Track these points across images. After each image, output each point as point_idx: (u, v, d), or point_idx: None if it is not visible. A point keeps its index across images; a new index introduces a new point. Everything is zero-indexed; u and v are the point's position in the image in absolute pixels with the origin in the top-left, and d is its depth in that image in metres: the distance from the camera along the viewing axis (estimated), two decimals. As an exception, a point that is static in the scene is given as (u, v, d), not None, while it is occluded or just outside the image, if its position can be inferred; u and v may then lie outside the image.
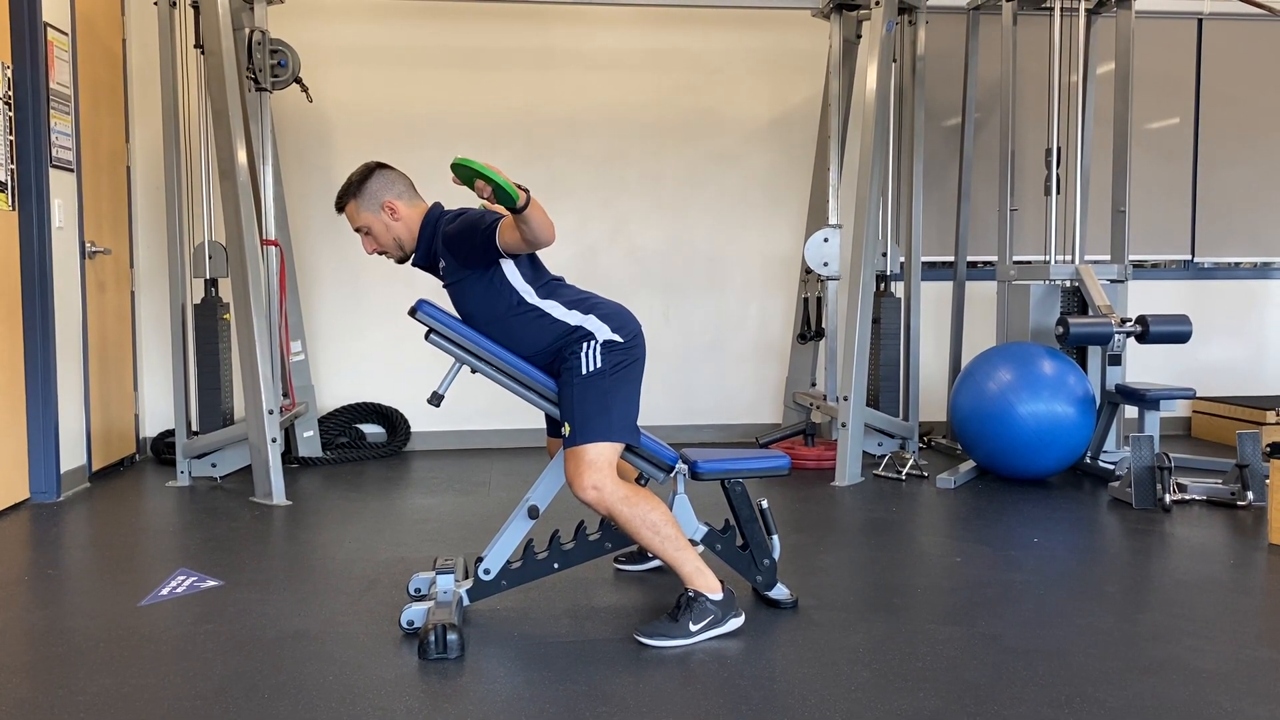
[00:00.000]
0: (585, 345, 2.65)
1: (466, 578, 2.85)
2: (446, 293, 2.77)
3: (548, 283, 2.74)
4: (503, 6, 5.42)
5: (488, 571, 2.71)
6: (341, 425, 5.42)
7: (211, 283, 4.73)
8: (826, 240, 5.00)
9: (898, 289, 5.28)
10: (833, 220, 5.08)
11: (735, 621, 2.65)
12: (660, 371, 5.03)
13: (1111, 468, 4.53)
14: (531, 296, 2.68)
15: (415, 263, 2.80)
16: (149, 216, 5.29)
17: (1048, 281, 4.81)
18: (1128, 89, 5.00)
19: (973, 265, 5.77)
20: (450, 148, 5.48)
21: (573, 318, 2.68)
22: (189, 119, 4.75)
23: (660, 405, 5.44)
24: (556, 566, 2.77)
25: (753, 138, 5.75)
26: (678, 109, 5.68)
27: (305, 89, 4.97)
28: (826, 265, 5.01)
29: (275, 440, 4.25)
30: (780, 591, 2.86)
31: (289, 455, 5.07)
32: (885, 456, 4.89)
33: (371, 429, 5.53)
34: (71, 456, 4.42)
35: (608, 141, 5.65)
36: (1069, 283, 4.80)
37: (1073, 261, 4.84)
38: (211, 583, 3.10)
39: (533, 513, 2.71)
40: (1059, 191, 4.85)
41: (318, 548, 3.59)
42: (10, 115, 4.07)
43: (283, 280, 5.00)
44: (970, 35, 5.34)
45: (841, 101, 5.22)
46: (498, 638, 2.63)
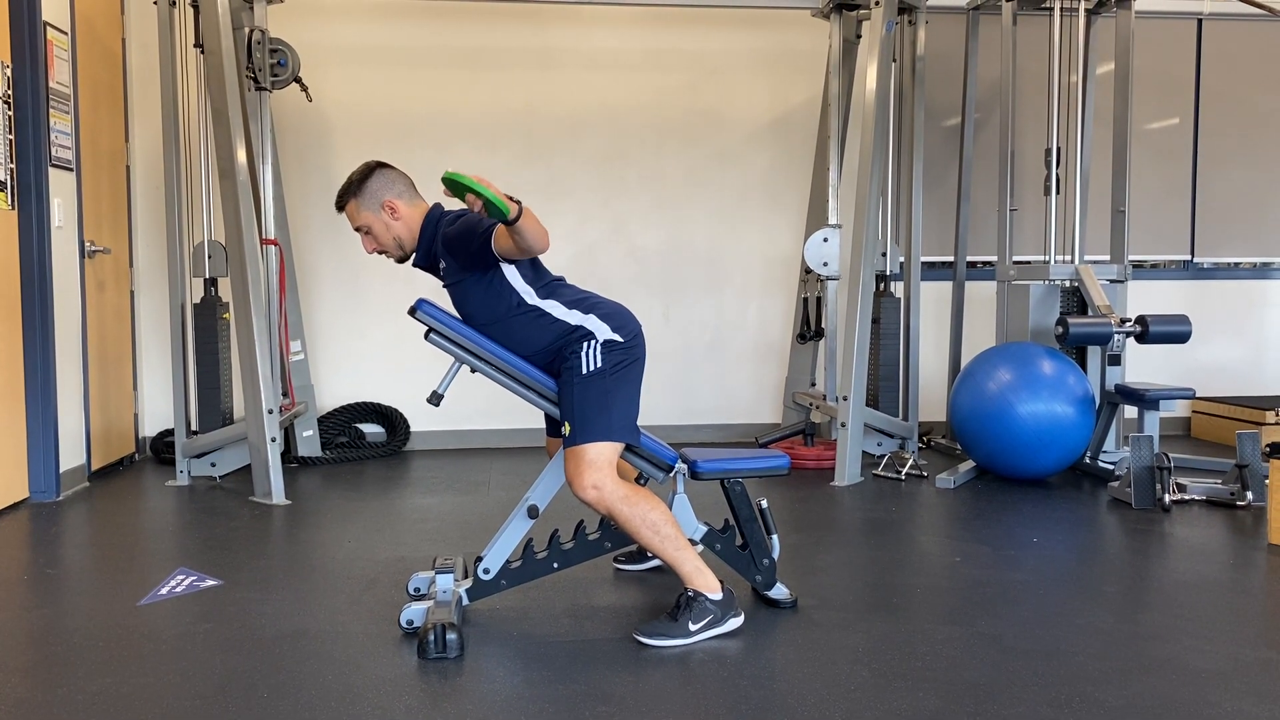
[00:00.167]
0: (585, 345, 2.65)
1: (466, 577, 2.85)
2: (446, 292, 2.78)
3: (548, 283, 2.74)
4: (502, 6, 5.42)
5: (487, 571, 2.71)
6: (341, 425, 5.42)
7: (211, 282, 4.73)
8: (826, 240, 5.00)
9: (897, 289, 5.28)
10: (832, 220, 5.08)
11: (735, 621, 2.65)
12: (660, 371, 5.02)
13: (1111, 468, 4.53)
14: (531, 297, 2.69)
15: (416, 263, 2.81)
16: (148, 216, 5.29)
17: (1047, 281, 4.81)
18: (1127, 89, 5.00)
19: (972, 265, 5.77)
20: (450, 147, 5.53)
21: (573, 317, 2.68)
22: (189, 118, 4.75)
23: (660, 405, 5.44)
24: (556, 566, 2.77)
25: (752, 137, 5.75)
26: (677, 109, 5.68)
27: (305, 88, 4.97)
28: (826, 265, 5.01)
29: (275, 440, 4.25)
30: (780, 591, 2.87)
31: (288, 455, 5.07)
32: (885, 456, 4.89)
33: (371, 428, 5.54)
34: (71, 456, 4.42)
35: (607, 141, 5.65)
36: (1069, 283, 4.80)
37: (1072, 261, 4.84)
38: (211, 582, 3.10)
39: (532, 512, 2.71)
40: (1059, 191, 4.85)
41: (317, 547, 3.59)
42: (10, 114, 4.07)
43: (282, 280, 4.99)
44: (970, 35, 5.34)
45: (841, 101, 5.22)
46: (497, 637, 2.63)
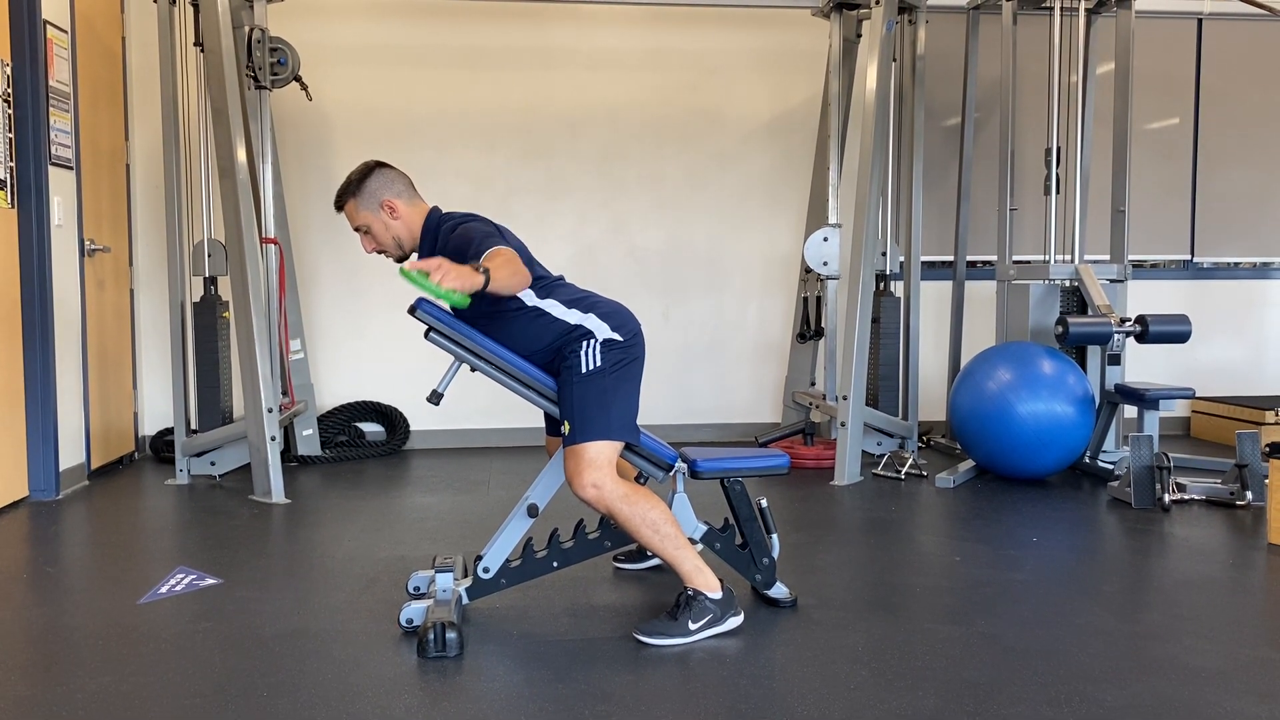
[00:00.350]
0: (585, 344, 2.65)
1: (465, 576, 2.85)
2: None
3: (547, 283, 2.74)
4: (502, 6, 5.42)
5: (487, 570, 2.71)
6: (341, 424, 5.42)
7: (211, 281, 4.72)
8: (826, 239, 5.00)
9: (897, 288, 5.28)
10: (832, 219, 5.08)
11: (734, 620, 2.65)
12: (660, 370, 5.03)
13: (1111, 467, 4.53)
14: (531, 298, 2.68)
15: None
16: (148, 214, 5.29)
17: (1047, 281, 4.81)
18: (1127, 89, 5.00)
19: (972, 265, 5.77)
20: (450, 147, 5.53)
21: (572, 316, 2.68)
22: (188, 117, 4.75)
23: (660, 404, 5.44)
24: (556, 565, 2.77)
25: (752, 137, 5.75)
26: (677, 108, 5.68)
27: (305, 87, 4.97)
28: (826, 264, 5.01)
29: (274, 439, 4.25)
30: (779, 590, 2.87)
31: (288, 454, 5.07)
32: (884, 456, 4.89)
33: (371, 427, 5.54)
34: (70, 454, 4.42)
35: (607, 141, 5.65)
36: (1068, 282, 4.80)
37: (1072, 261, 4.84)
38: (210, 581, 3.10)
39: (532, 511, 2.71)
40: (1059, 191, 4.85)
41: (317, 546, 3.59)
42: (9, 113, 4.07)
43: (282, 278, 4.99)
44: (970, 35, 5.34)
45: (841, 101, 5.22)
46: (497, 636, 2.63)
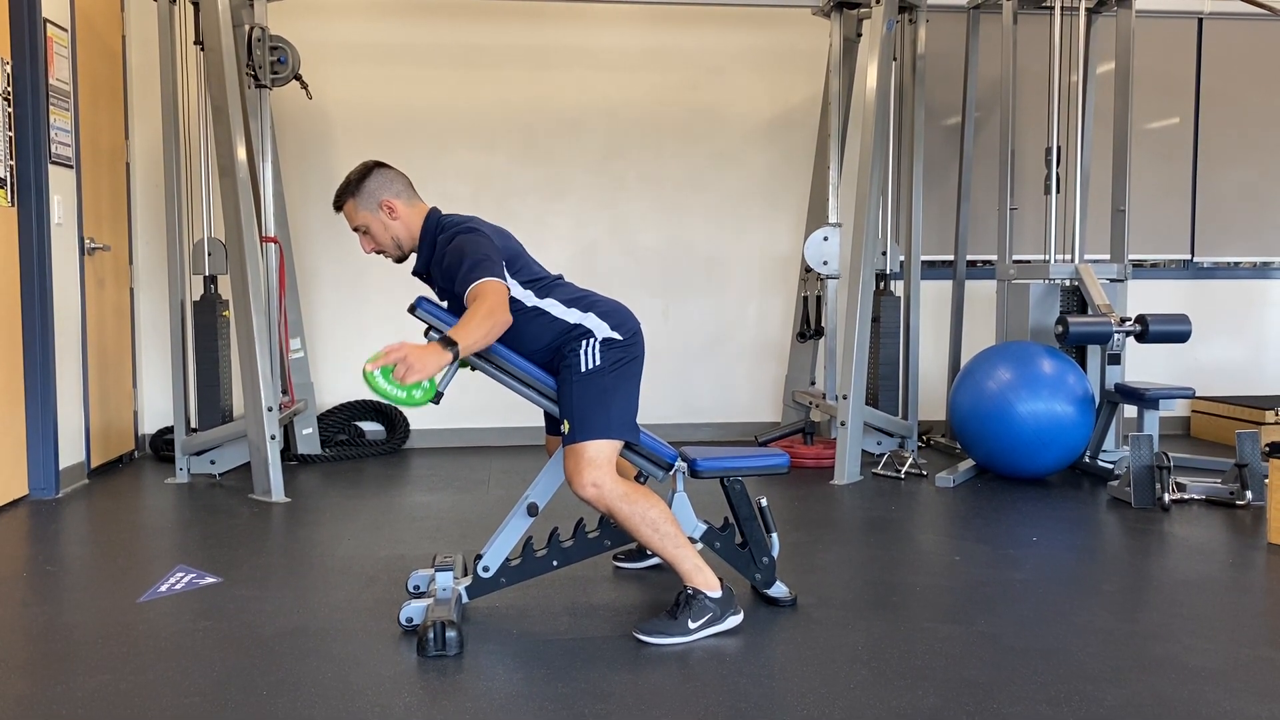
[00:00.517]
0: (584, 343, 2.65)
1: (465, 575, 2.85)
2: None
3: (546, 283, 2.73)
4: (503, 5, 5.42)
5: (487, 569, 2.71)
6: (340, 423, 5.42)
7: (211, 280, 4.72)
8: (826, 239, 5.00)
9: (897, 288, 5.28)
10: (832, 219, 5.08)
11: (734, 619, 2.65)
12: (660, 369, 5.02)
13: (1111, 467, 4.53)
14: (530, 299, 2.68)
15: (415, 272, 2.80)
16: (148, 213, 5.28)
17: (1047, 281, 4.81)
18: (1128, 88, 5.00)
19: (972, 264, 5.77)
20: (450, 146, 5.53)
21: (571, 315, 2.68)
22: (189, 116, 4.75)
23: (660, 403, 5.44)
24: (555, 564, 2.77)
25: (752, 136, 5.75)
26: (677, 108, 5.68)
27: (305, 86, 4.97)
28: (826, 264, 5.01)
29: (274, 437, 4.24)
30: (779, 589, 2.86)
31: (288, 452, 5.06)
32: (884, 455, 4.89)
33: (370, 426, 5.54)
34: (70, 453, 4.42)
35: (607, 140, 5.65)
36: (1068, 282, 4.80)
37: (1072, 261, 4.84)
38: (210, 579, 3.10)
39: (532, 510, 2.71)
40: (1059, 191, 4.85)
41: (316, 545, 3.59)
42: (9, 111, 4.06)
43: (282, 277, 4.99)
44: (970, 34, 5.34)
45: (841, 100, 5.22)
46: (496, 635, 2.63)
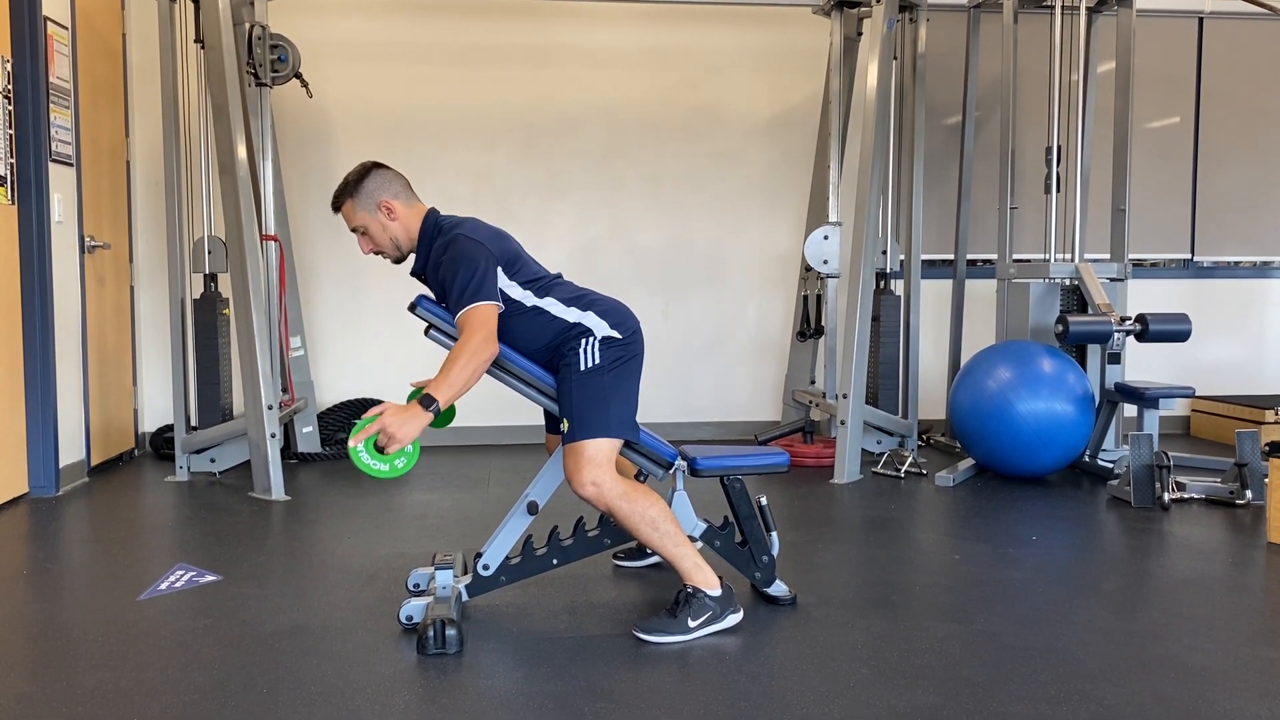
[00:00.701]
0: (584, 341, 2.65)
1: (465, 573, 2.85)
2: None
3: (544, 282, 2.73)
4: (503, 4, 5.42)
5: (486, 567, 2.71)
6: (341, 421, 5.42)
7: (211, 278, 4.73)
8: (826, 238, 5.00)
9: (897, 287, 5.28)
10: (833, 218, 5.08)
11: (734, 618, 2.65)
12: (659, 368, 5.02)
13: (1110, 466, 4.53)
14: (530, 299, 2.68)
15: (413, 273, 2.80)
16: (148, 211, 5.28)
17: (1047, 280, 4.81)
18: (1128, 87, 5.00)
19: (972, 263, 5.76)
20: (450, 145, 5.53)
21: (571, 314, 2.68)
22: (189, 114, 4.75)
23: (659, 402, 5.44)
24: (555, 562, 2.77)
25: (753, 135, 5.75)
26: (677, 107, 5.68)
27: (305, 84, 4.97)
28: (826, 263, 5.01)
29: (274, 435, 4.25)
30: (779, 588, 2.86)
31: (288, 451, 5.06)
32: (884, 454, 4.89)
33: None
34: (70, 451, 4.42)
35: (607, 139, 5.65)
36: (1069, 281, 4.80)
37: (1072, 260, 4.83)
38: (210, 577, 3.10)
39: (532, 509, 2.71)
40: (1059, 190, 4.85)
41: (316, 543, 3.59)
42: (10, 109, 4.06)
43: (282, 275, 4.99)
44: (971, 33, 5.34)
45: (842, 99, 5.22)
46: (496, 633, 2.63)
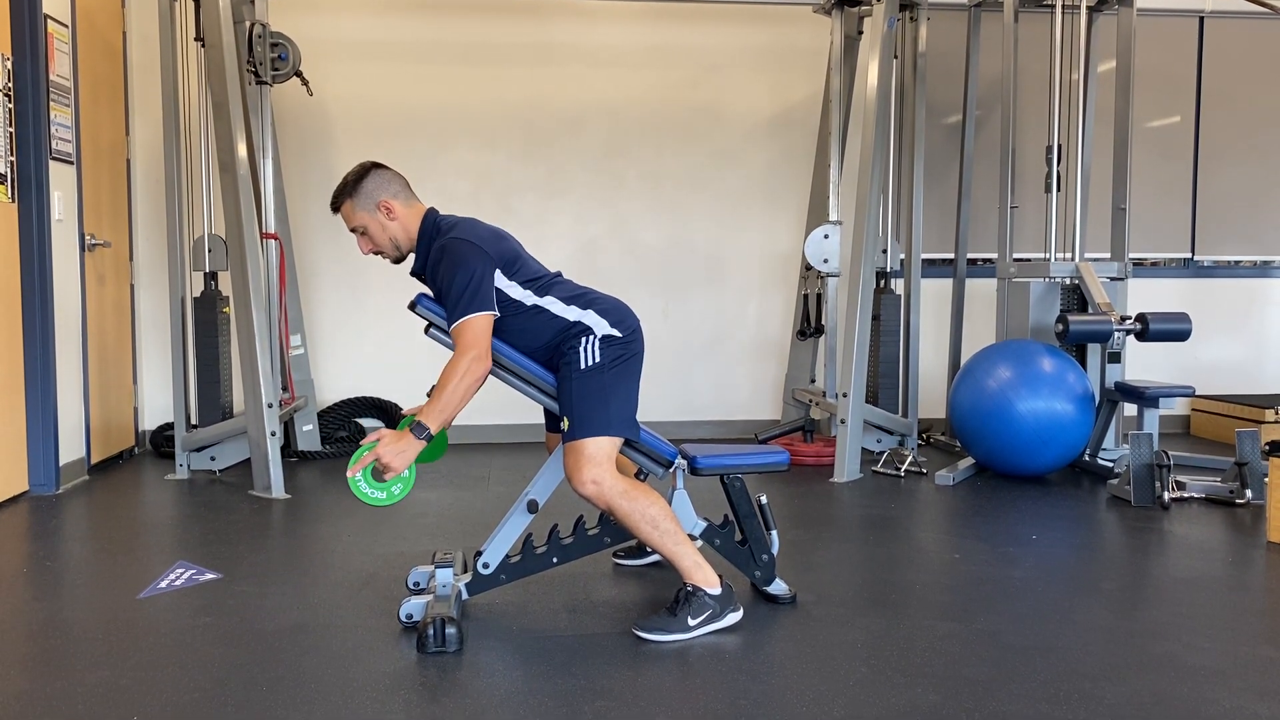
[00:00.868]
0: (584, 340, 2.65)
1: (465, 571, 2.85)
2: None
3: (544, 281, 2.73)
4: (503, 2, 5.41)
5: (486, 565, 2.72)
6: (341, 419, 5.42)
7: (211, 276, 4.72)
8: (827, 237, 5.00)
9: (898, 286, 5.28)
10: (833, 217, 5.08)
11: (734, 616, 2.65)
12: (660, 367, 5.02)
13: (1110, 465, 4.53)
14: (530, 299, 2.68)
15: (413, 273, 2.80)
16: (149, 209, 5.28)
17: (1048, 279, 4.81)
18: (1129, 87, 4.99)
19: (973, 262, 5.76)
20: (450, 143, 5.53)
21: (571, 313, 2.68)
22: (189, 112, 4.75)
23: (659, 401, 5.43)
24: (555, 561, 2.77)
25: (753, 134, 5.75)
26: (678, 105, 5.67)
27: (305, 82, 4.96)
28: (826, 262, 5.01)
29: (274, 434, 4.25)
30: (779, 587, 2.87)
31: (288, 449, 5.06)
32: (884, 453, 4.89)
33: (371, 423, 5.53)
34: (70, 449, 4.42)
35: (607, 137, 5.65)
36: (1069, 280, 4.80)
37: (1073, 259, 4.84)
38: (210, 576, 3.10)
39: (532, 507, 2.71)
40: (1059, 189, 4.85)
41: (316, 541, 3.59)
42: (10, 107, 4.06)
43: (282, 274, 4.99)
44: (971, 32, 5.34)
45: (842, 98, 5.22)
46: (496, 632, 2.63)
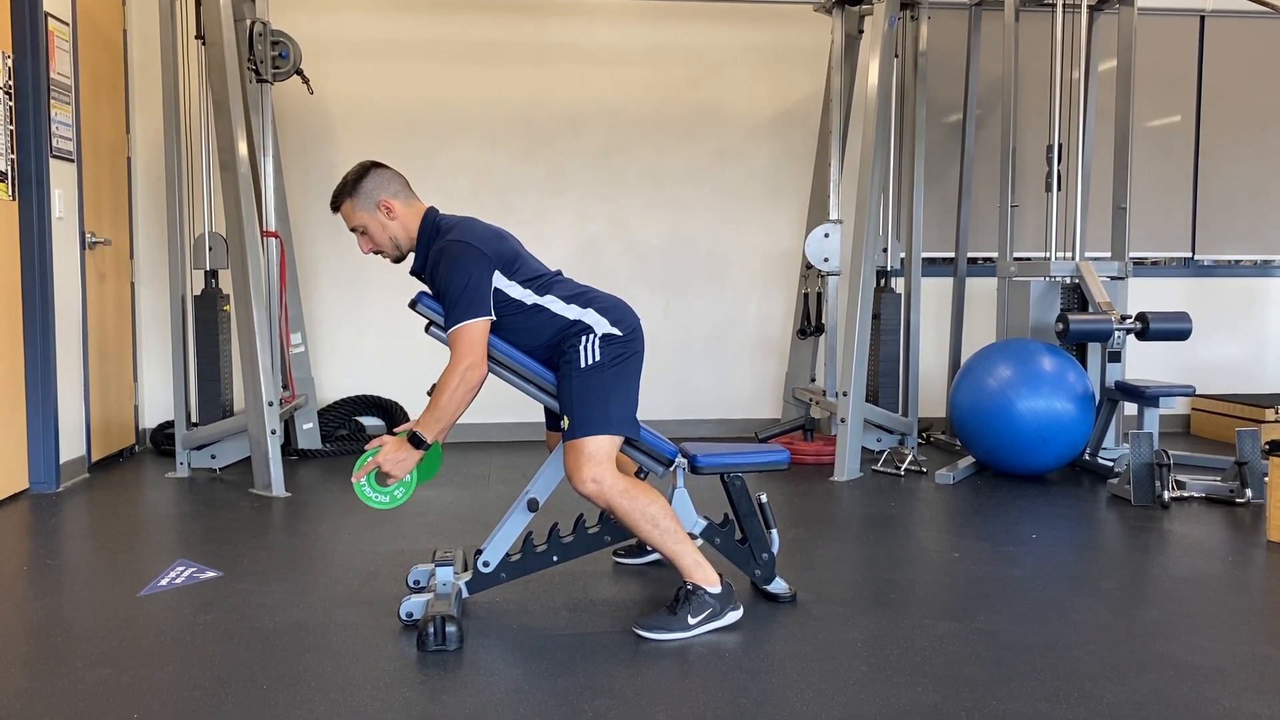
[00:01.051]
0: (584, 339, 2.65)
1: (465, 570, 2.85)
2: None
3: (544, 280, 2.73)
4: (504, 1, 5.41)
5: (487, 564, 2.72)
6: (341, 417, 5.42)
7: (211, 274, 4.72)
8: (827, 236, 5.00)
9: (898, 285, 5.28)
10: (833, 216, 5.08)
11: (733, 615, 2.65)
12: (660, 366, 5.02)
13: (1110, 464, 4.53)
14: (530, 297, 2.68)
15: (413, 272, 2.80)
16: (149, 207, 5.28)
17: (1048, 278, 4.81)
18: (1129, 86, 4.99)
19: (973, 261, 5.76)
20: (451, 141, 5.53)
21: (571, 311, 2.68)
22: (190, 110, 4.74)
23: (660, 400, 5.43)
24: (555, 559, 2.78)
25: (754, 133, 5.74)
26: (678, 104, 5.67)
27: (306, 81, 4.96)
28: (827, 260, 5.01)
29: (275, 432, 4.25)
30: (779, 586, 2.87)
31: (288, 447, 5.06)
32: (884, 452, 4.89)
33: (371, 421, 5.53)
34: (71, 447, 4.42)
35: (608, 136, 5.64)
36: (1069, 279, 4.80)
37: (1073, 258, 4.83)
38: (210, 574, 3.10)
39: (532, 506, 2.71)
40: (1060, 188, 4.85)
41: (317, 539, 3.59)
42: (11, 105, 4.06)
43: (283, 272, 4.99)
44: (972, 31, 5.34)
45: (843, 97, 5.22)
46: (496, 630, 2.63)
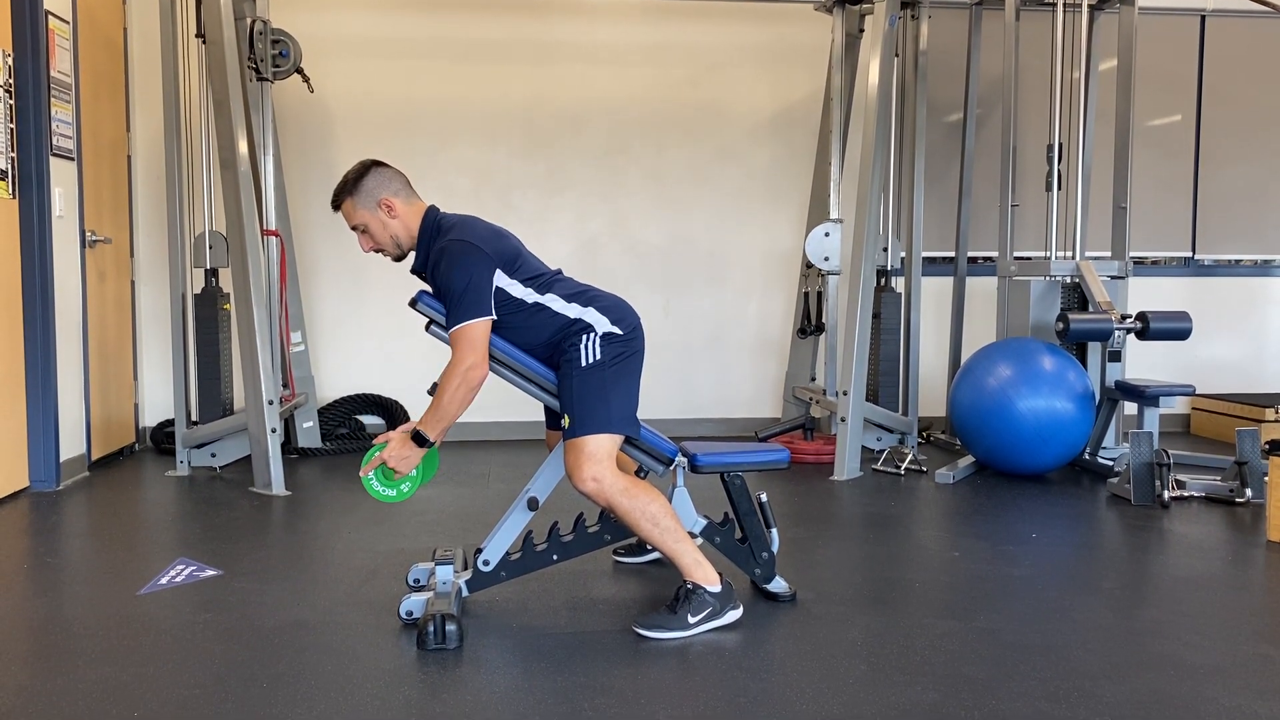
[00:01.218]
0: (584, 337, 2.65)
1: (465, 569, 2.85)
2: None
3: (546, 280, 2.73)
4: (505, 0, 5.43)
5: (487, 563, 2.72)
6: (341, 416, 5.42)
7: (212, 272, 4.72)
8: (827, 235, 5.00)
9: (898, 284, 5.28)
10: (834, 215, 5.08)
11: (733, 614, 2.65)
12: (660, 365, 5.02)
13: (1110, 464, 4.53)
14: (531, 296, 2.68)
15: (413, 270, 2.80)
16: (149, 206, 5.28)
17: (1048, 277, 4.81)
18: (1130, 85, 4.99)
19: (973, 261, 5.76)
20: (451, 140, 5.53)
21: (572, 310, 2.68)
22: (190, 108, 4.74)
23: (660, 399, 5.43)
24: (555, 558, 2.78)
25: (754, 132, 5.74)
26: (679, 103, 5.67)
27: (306, 79, 4.96)
28: (827, 260, 5.01)
29: (275, 430, 4.25)
30: (779, 584, 2.87)
31: (288, 446, 5.07)
32: (884, 451, 4.89)
33: (371, 420, 5.54)
34: (71, 445, 4.42)
35: (608, 135, 5.64)
36: (1069, 279, 4.80)
37: (1073, 258, 4.83)
38: (210, 572, 3.10)
39: (532, 504, 2.71)
40: (1060, 187, 4.85)
41: (317, 538, 3.59)
42: (11, 103, 4.06)
43: (283, 270, 4.99)
44: (973, 31, 5.34)
45: (843, 96, 5.22)
46: (496, 629, 2.64)
